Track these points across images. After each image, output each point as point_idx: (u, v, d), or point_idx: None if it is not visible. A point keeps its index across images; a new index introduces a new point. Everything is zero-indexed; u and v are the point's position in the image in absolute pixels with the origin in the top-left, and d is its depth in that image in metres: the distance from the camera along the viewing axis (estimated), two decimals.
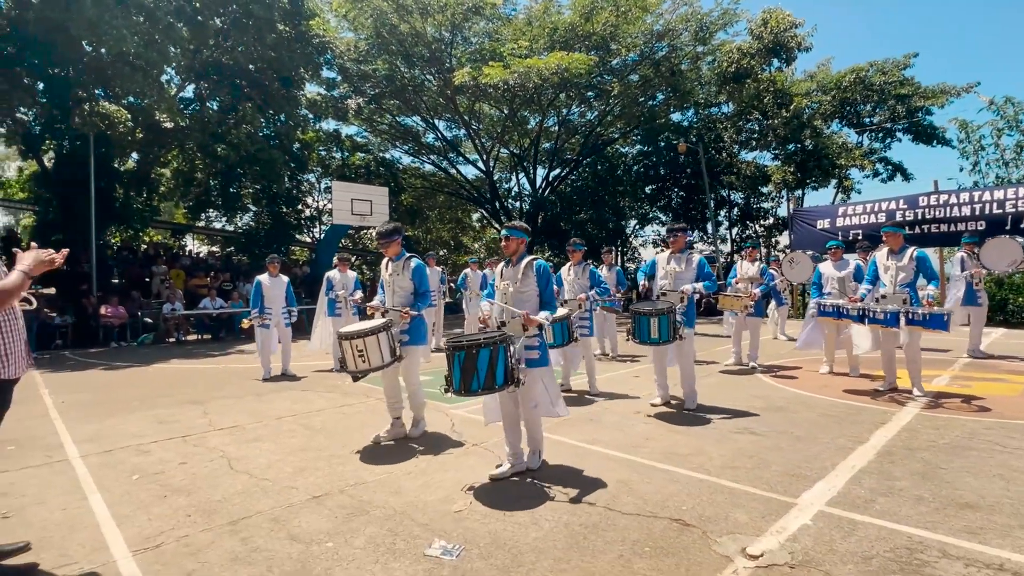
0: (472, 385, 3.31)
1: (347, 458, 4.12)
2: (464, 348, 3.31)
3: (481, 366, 3.30)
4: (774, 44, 17.23)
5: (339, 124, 24.20)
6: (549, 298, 3.68)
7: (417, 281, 4.45)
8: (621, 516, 3.03)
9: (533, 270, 3.68)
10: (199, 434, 4.87)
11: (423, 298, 4.45)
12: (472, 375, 3.31)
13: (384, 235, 4.46)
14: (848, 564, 2.49)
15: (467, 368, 3.31)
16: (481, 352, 3.29)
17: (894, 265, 5.89)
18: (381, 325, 4.13)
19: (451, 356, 3.36)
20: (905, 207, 14.04)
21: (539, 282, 3.66)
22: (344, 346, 4.10)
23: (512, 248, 3.74)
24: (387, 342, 4.13)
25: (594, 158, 25.30)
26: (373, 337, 4.07)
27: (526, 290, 3.67)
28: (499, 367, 3.31)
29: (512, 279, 3.70)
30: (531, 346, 3.59)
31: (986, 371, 7.15)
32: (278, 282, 7.70)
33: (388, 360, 4.15)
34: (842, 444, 4.20)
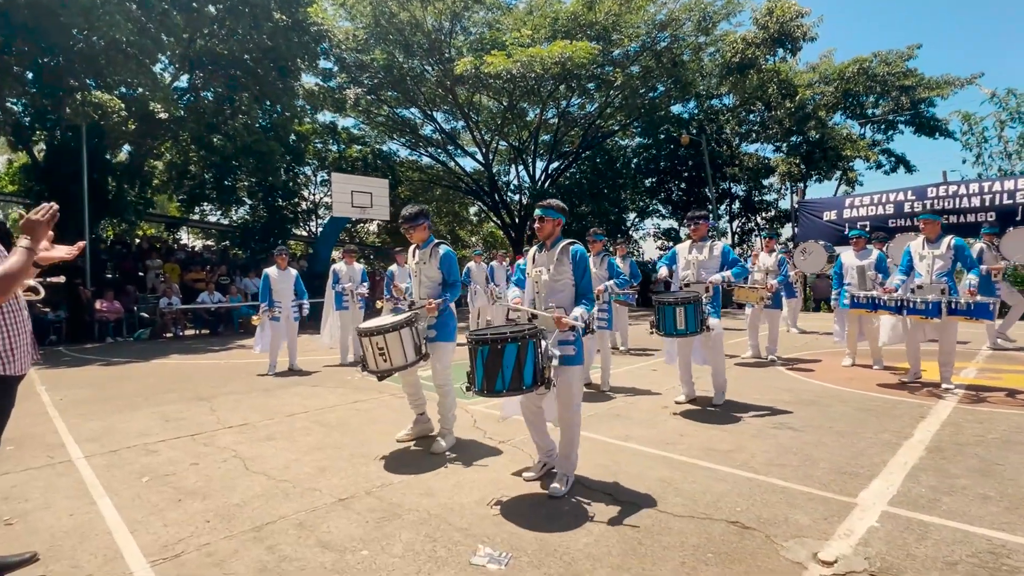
0: (496, 385, 2.93)
1: (368, 457, 3.91)
2: (488, 343, 2.93)
3: (507, 363, 2.90)
4: (780, 34, 17.03)
5: (335, 116, 23.85)
6: (586, 289, 3.26)
7: (446, 270, 4.09)
8: (673, 519, 2.83)
9: (569, 256, 3.27)
10: (208, 432, 4.63)
11: (453, 289, 4.09)
12: (497, 374, 2.92)
13: (410, 218, 4.09)
14: (932, 571, 2.30)
15: (491, 365, 2.93)
16: (507, 348, 2.90)
17: (931, 254, 5.70)
18: (404, 320, 3.84)
19: (474, 351, 3.00)
20: (913, 198, 13.91)
21: (575, 270, 3.26)
22: (364, 343, 3.83)
23: (547, 231, 3.34)
24: (411, 339, 3.85)
25: (593, 151, 25.06)
26: (395, 334, 3.76)
27: (561, 278, 3.27)
28: (527, 365, 2.92)
29: (545, 265, 3.31)
30: (566, 341, 3.18)
31: (1011, 363, 7.01)
32: (286, 275, 7.44)
33: (413, 359, 3.80)
34: (887, 439, 4.02)
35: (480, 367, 2.99)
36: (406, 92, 20.97)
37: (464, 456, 3.88)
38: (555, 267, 3.27)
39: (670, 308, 4.64)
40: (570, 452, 3.24)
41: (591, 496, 3.14)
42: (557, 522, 2.82)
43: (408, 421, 4.49)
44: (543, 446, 3.41)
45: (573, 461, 3.26)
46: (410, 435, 4.26)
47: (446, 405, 4.13)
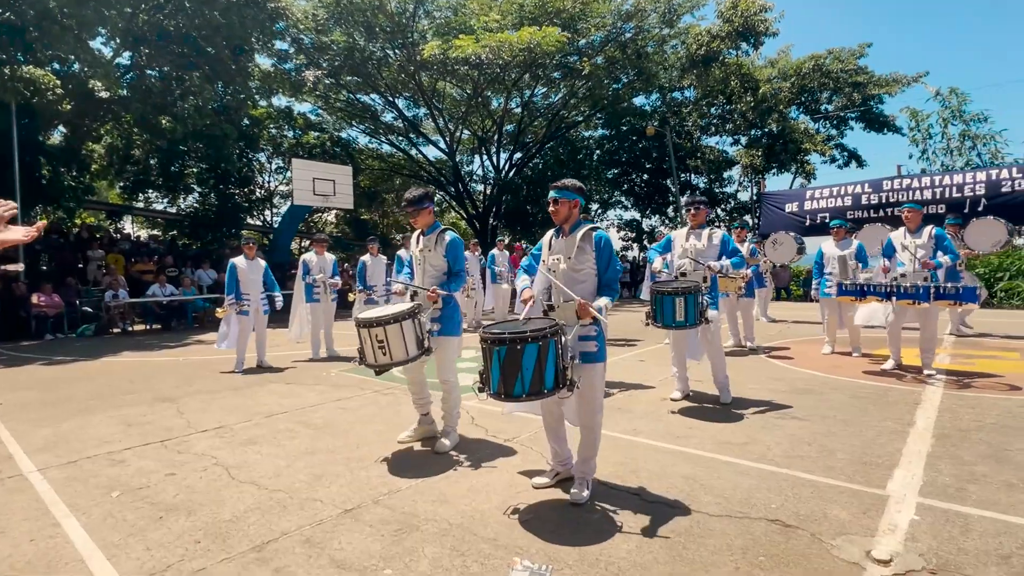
0: (515, 389, 2.64)
1: (366, 461, 3.61)
2: (506, 342, 2.64)
3: (527, 365, 2.61)
4: (744, 27, 17.29)
5: (291, 100, 22.84)
6: (612, 278, 2.98)
7: (451, 259, 3.79)
8: (711, 519, 2.69)
9: (592, 243, 2.96)
10: (179, 438, 4.21)
11: (457, 279, 3.81)
12: (516, 377, 2.63)
13: (414, 201, 3.78)
14: (990, 566, 2.24)
15: (509, 367, 2.63)
16: (527, 348, 2.61)
17: (913, 243, 5.81)
18: (408, 311, 3.50)
19: (489, 352, 2.70)
20: (870, 191, 14.38)
21: (599, 258, 2.96)
22: (362, 335, 3.50)
23: (563, 214, 3.02)
24: (413, 331, 3.53)
25: (556, 142, 24.96)
26: (396, 326, 3.41)
27: (582, 267, 2.96)
28: (548, 367, 2.64)
29: (564, 253, 3.00)
30: (587, 336, 2.90)
31: (977, 348, 7.30)
32: (255, 265, 6.94)
33: (415, 353, 3.47)
34: (892, 427, 4.03)
35: (496, 369, 2.70)
36: (367, 77, 20.24)
37: (471, 457, 3.64)
38: (576, 255, 2.97)
39: (669, 298, 4.43)
40: (591, 456, 3.00)
41: (617, 499, 2.96)
42: (591, 529, 2.63)
43: (401, 418, 4.23)
44: (560, 454, 3.14)
45: (593, 466, 3.03)
46: (413, 436, 3.98)
47: (450, 403, 3.87)
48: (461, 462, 3.56)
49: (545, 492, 3.06)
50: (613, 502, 2.92)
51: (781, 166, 20.06)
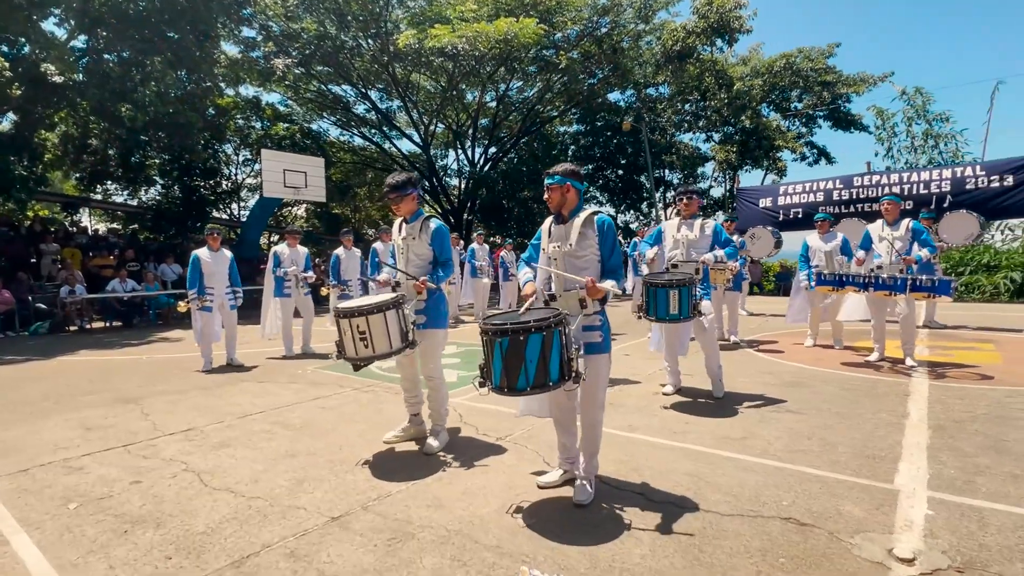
0: (519, 382, 2.48)
1: (350, 463, 3.39)
2: (509, 333, 2.48)
3: (531, 357, 2.46)
4: (719, 24, 17.41)
5: (259, 90, 22.10)
6: (616, 265, 2.84)
7: (438, 247, 3.59)
8: (723, 519, 2.56)
9: (594, 228, 2.82)
10: (145, 442, 3.91)
11: (445, 268, 3.60)
12: (519, 369, 2.47)
13: (397, 187, 3.56)
14: (1016, 563, 2.16)
15: (512, 359, 2.47)
16: (531, 339, 2.45)
17: (891, 235, 5.85)
18: (391, 300, 3.28)
19: (491, 343, 2.54)
20: (841, 187, 14.64)
21: (602, 244, 2.82)
22: (342, 325, 3.24)
23: (556, 200, 2.87)
24: (397, 323, 3.29)
25: (531, 136, 24.80)
26: (379, 315, 3.20)
27: (584, 254, 2.81)
28: (553, 358, 2.49)
29: (564, 240, 2.85)
30: (591, 326, 2.78)
31: (952, 340, 7.42)
32: (220, 257, 6.58)
33: (398, 346, 3.27)
34: (887, 419, 3.99)
35: (499, 361, 2.52)
36: (339, 67, 19.68)
37: (462, 457, 3.45)
38: (577, 241, 2.81)
39: (663, 291, 4.29)
40: (594, 453, 2.86)
41: (621, 498, 2.82)
42: (599, 532, 2.48)
43: (383, 416, 4.03)
44: (570, 451, 2.96)
45: (596, 464, 2.89)
46: (401, 437, 3.76)
47: (438, 399, 3.67)
48: (451, 463, 3.36)
49: (545, 492, 2.90)
50: (618, 501, 2.77)
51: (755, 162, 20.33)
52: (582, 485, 2.81)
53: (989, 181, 12.19)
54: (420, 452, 3.56)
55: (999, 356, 6.24)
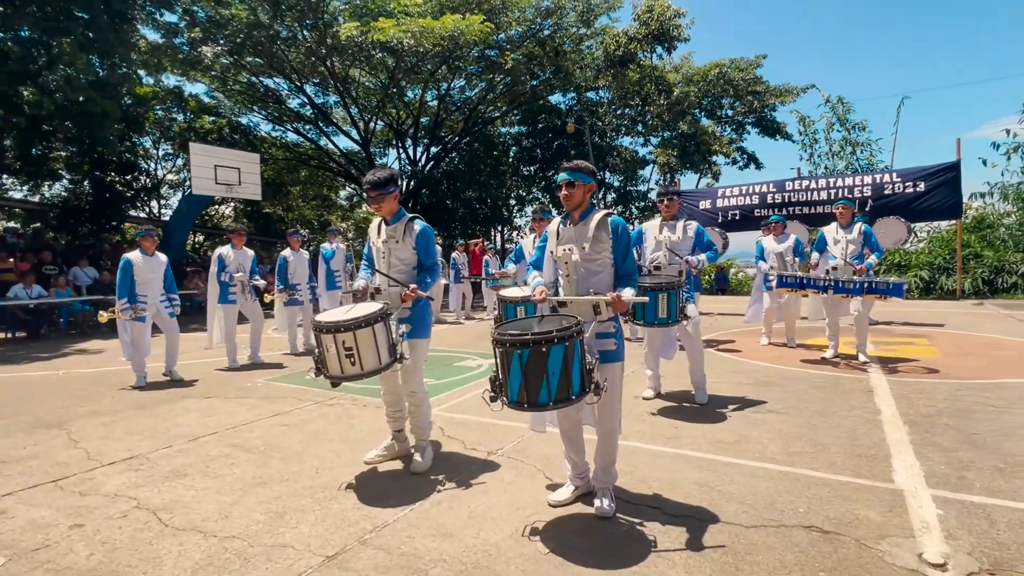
0: (540, 397, 2.32)
1: (333, 489, 3.06)
2: (529, 344, 2.30)
3: (553, 369, 2.30)
4: (659, 31, 17.88)
5: (182, 80, 20.53)
6: (631, 269, 2.71)
7: (423, 251, 3.31)
8: (747, 531, 2.48)
9: (609, 230, 2.67)
10: (80, 475, 3.39)
11: (431, 272, 3.34)
12: (541, 382, 2.31)
13: (378, 184, 3.22)
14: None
15: (533, 372, 2.31)
16: (553, 350, 2.29)
17: (844, 238, 6.12)
18: (379, 311, 3.01)
19: (508, 355, 2.35)
20: (775, 190, 15.40)
21: (616, 247, 2.67)
22: (325, 341, 2.94)
23: (576, 199, 2.71)
24: (385, 336, 3.02)
25: (473, 136, 24.57)
26: (368, 330, 2.92)
27: (598, 257, 2.67)
28: (574, 370, 2.36)
29: (576, 242, 2.69)
30: (606, 333, 2.64)
31: (889, 336, 7.89)
32: (154, 262, 5.92)
33: (387, 361, 3.02)
34: (863, 416, 4.11)
35: (518, 374, 2.35)
36: (272, 58, 18.61)
37: (456, 476, 3.20)
38: (591, 244, 2.67)
39: (652, 294, 4.24)
40: (612, 463, 2.74)
41: (638, 512, 2.69)
42: (628, 554, 2.32)
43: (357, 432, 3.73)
44: (579, 466, 2.83)
45: (614, 474, 2.77)
46: (383, 456, 3.45)
47: (421, 415, 3.39)
48: (446, 483, 3.11)
49: (558, 511, 2.72)
50: (636, 516, 2.63)
51: (693, 166, 21.07)
52: (602, 498, 2.67)
53: (904, 187, 13.18)
54: (407, 472, 3.28)
55: (936, 350, 6.67)
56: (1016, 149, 16.98)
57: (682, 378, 5.07)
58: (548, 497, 2.81)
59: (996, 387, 4.83)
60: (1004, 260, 14.87)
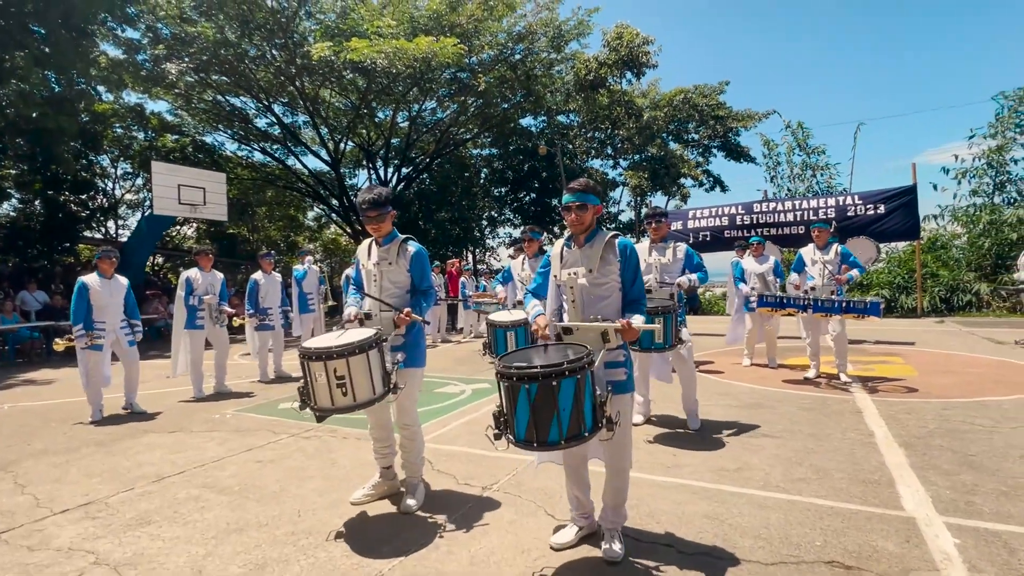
0: (551, 434, 2.14)
1: (319, 535, 2.82)
2: (538, 378, 2.13)
3: (564, 404, 2.14)
4: (628, 57, 18.30)
5: (143, 97, 19.90)
6: (640, 293, 2.58)
7: (417, 273, 3.15)
8: (766, 568, 2.36)
9: (617, 253, 2.57)
10: (27, 525, 3.04)
11: (427, 296, 3.17)
12: (551, 419, 2.14)
13: (376, 203, 3.05)
14: None
15: (543, 408, 2.14)
16: (564, 384, 2.13)
17: (821, 259, 6.21)
18: (373, 337, 2.81)
19: (515, 389, 2.18)
20: (743, 212, 15.75)
21: (625, 270, 2.57)
22: (314, 370, 2.70)
23: (587, 221, 2.59)
24: (380, 364, 2.82)
25: (444, 158, 24.55)
26: (361, 356, 2.71)
27: (605, 281, 2.55)
28: (586, 403, 2.20)
29: (583, 265, 2.57)
30: (615, 363, 2.49)
31: (865, 355, 8.01)
32: (114, 286, 5.56)
33: (380, 391, 2.81)
34: (857, 439, 4.08)
35: (526, 410, 2.17)
36: (240, 77, 18.24)
37: (453, 516, 2.99)
38: (599, 268, 2.55)
39: (649, 319, 4.13)
40: (621, 503, 2.58)
41: (650, 552, 2.53)
42: None
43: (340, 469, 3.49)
44: (584, 506, 2.66)
45: (624, 514, 2.61)
46: (371, 496, 3.21)
47: (413, 451, 3.19)
48: (443, 524, 2.90)
49: (566, 553, 2.54)
50: (648, 556, 2.48)
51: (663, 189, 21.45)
52: (611, 539, 2.51)
53: (866, 209, 13.65)
54: (399, 512, 3.05)
55: (912, 369, 6.78)
56: (964, 174, 17.88)
57: (667, 402, 5.00)
58: (550, 540, 2.63)
59: (979, 405, 4.90)
60: (958, 279, 15.49)
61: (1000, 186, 17.56)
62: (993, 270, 15.50)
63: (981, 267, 15.86)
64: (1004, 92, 17.32)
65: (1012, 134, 17.03)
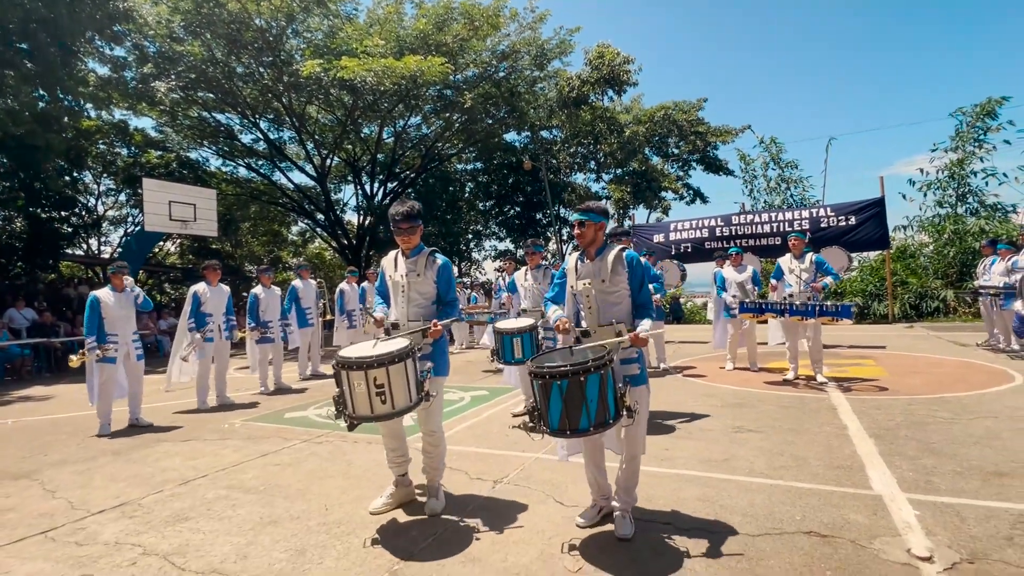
0: (581, 423, 2.51)
1: (349, 525, 3.07)
2: (568, 375, 2.50)
3: (591, 396, 2.50)
4: (609, 75, 18.92)
5: (127, 114, 19.92)
6: (646, 299, 2.92)
7: (444, 286, 3.28)
8: (754, 539, 2.68)
9: (624, 264, 2.88)
10: (69, 524, 3.24)
11: (451, 308, 3.30)
12: (580, 410, 2.50)
13: (410, 216, 3.19)
14: (1006, 549, 2.50)
15: (573, 401, 2.51)
16: (590, 379, 2.50)
17: (798, 267, 6.65)
18: (408, 347, 2.90)
19: (547, 386, 2.53)
20: (722, 224, 16.34)
21: (632, 279, 2.88)
22: (353, 379, 2.76)
23: (589, 237, 2.93)
24: (414, 372, 2.91)
25: (429, 172, 24.90)
26: (400, 366, 2.79)
27: (616, 289, 2.87)
28: (609, 395, 2.57)
29: (594, 277, 2.90)
30: (629, 359, 2.84)
31: (839, 358, 8.47)
32: (124, 300, 5.73)
33: (416, 399, 2.90)
34: (833, 432, 4.45)
35: (558, 404, 2.52)
36: (227, 94, 18.41)
37: (471, 506, 3.27)
38: (610, 278, 2.87)
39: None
40: (634, 486, 2.91)
41: (655, 530, 2.85)
42: (651, 567, 2.48)
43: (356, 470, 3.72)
44: (603, 487, 2.99)
45: (635, 496, 2.94)
46: (389, 504, 3.26)
47: (438, 455, 3.29)
48: (463, 513, 3.17)
49: (580, 532, 2.83)
50: (652, 532, 2.79)
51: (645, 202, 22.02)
52: (622, 519, 2.82)
53: (838, 220, 14.31)
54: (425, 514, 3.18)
55: (883, 370, 7.24)
56: (929, 185, 18.76)
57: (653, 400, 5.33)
58: (575, 519, 2.94)
59: (940, 401, 5.33)
60: (927, 286, 16.22)
61: (962, 197, 18.45)
62: (959, 277, 16.25)
63: (947, 275, 16.62)
64: (962, 108, 18.29)
65: (971, 148, 17.97)
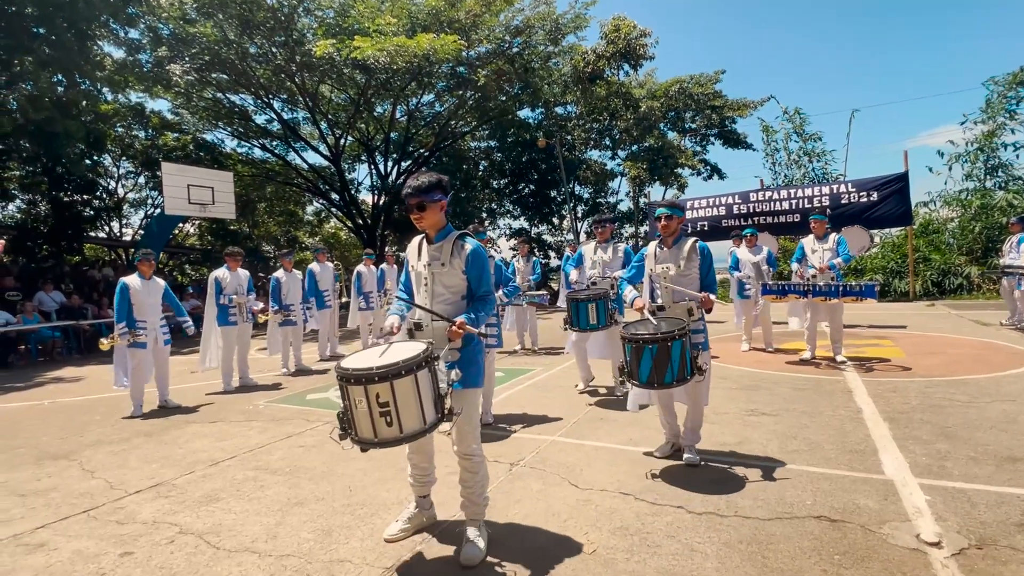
0: (666, 377, 3.28)
1: (373, 507, 3.20)
2: (658, 341, 3.25)
3: (675, 357, 3.26)
4: (625, 49, 18.53)
5: (143, 96, 20.07)
6: (712, 281, 3.66)
7: (475, 277, 2.66)
8: (764, 523, 2.75)
9: (698, 253, 3.64)
10: (109, 504, 3.42)
11: (485, 304, 2.67)
12: (666, 367, 3.26)
13: (420, 190, 2.59)
14: (1015, 535, 2.53)
15: (661, 361, 3.26)
16: (675, 344, 3.26)
17: (821, 248, 6.59)
18: (423, 355, 2.34)
19: (640, 349, 3.29)
20: (740, 201, 16.13)
21: (703, 265, 3.64)
22: (353, 394, 2.26)
23: (673, 228, 3.69)
24: (430, 386, 2.36)
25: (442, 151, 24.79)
26: (409, 378, 2.26)
27: (689, 273, 3.62)
28: (687, 357, 3.31)
29: (673, 262, 3.65)
30: (697, 330, 3.56)
31: (857, 339, 8.42)
32: (153, 287, 5.90)
33: (432, 419, 2.36)
34: (847, 415, 4.48)
35: (648, 363, 3.27)
36: (240, 75, 18.43)
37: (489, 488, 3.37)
38: (686, 263, 3.60)
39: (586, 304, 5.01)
40: (698, 427, 3.68)
41: (667, 514, 2.93)
42: (663, 549, 2.56)
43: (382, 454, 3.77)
44: (672, 428, 3.79)
45: (699, 436, 3.71)
46: (407, 531, 2.80)
47: (477, 483, 2.66)
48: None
49: (591, 514, 2.92)
50: (664, 515, 2.87)
51: (661, 179, 21.74)
52: (689, 452, 3.65)
53: (859, 197, 14.02)
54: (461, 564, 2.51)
55: (901, 351, 7.19)
56: (957, 158, 18.24)
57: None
58: (654, 452, 3.78)
59: (959, 383, 5.31)
60: (950, 263, 15.89)
61: (991, 170, 17.92)
62: (984, 253, 15.89)
63: (972, 251, 16.26)
64: (994, 77, 17.65)
65: (1002, 119, 17.38)
